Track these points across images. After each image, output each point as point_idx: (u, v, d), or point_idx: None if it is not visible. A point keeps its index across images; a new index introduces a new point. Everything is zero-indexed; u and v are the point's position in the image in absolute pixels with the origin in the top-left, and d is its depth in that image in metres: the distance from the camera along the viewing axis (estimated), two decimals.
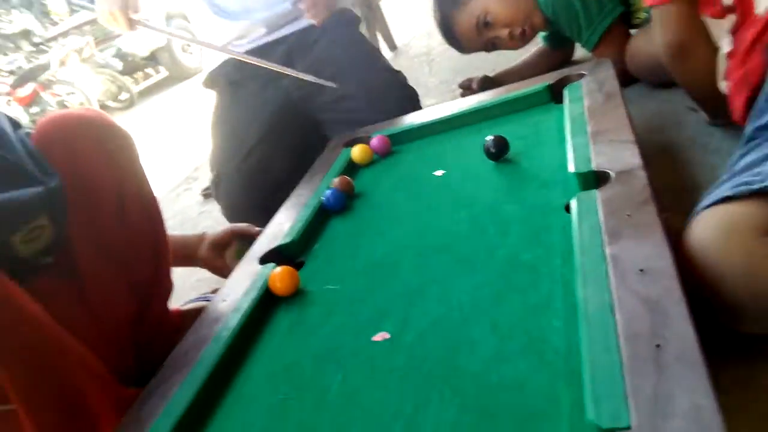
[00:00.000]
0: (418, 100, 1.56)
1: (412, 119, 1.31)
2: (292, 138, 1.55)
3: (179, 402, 0.66)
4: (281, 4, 1.52)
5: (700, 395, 0.43)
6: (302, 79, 1.49)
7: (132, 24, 1.42)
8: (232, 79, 1.59)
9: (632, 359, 0.48)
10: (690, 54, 1.03)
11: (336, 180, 1.10)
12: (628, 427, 0.43)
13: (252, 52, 1.54)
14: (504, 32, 1.59)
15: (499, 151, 0.99)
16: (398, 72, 1.59)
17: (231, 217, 1.52)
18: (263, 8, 1.53)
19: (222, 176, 1.53)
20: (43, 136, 0.88)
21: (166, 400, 0.68)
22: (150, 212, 0.99)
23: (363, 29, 2.33)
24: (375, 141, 1.23)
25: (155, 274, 0.99)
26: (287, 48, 1.53)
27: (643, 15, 1.52)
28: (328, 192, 1.06)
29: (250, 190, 1.48)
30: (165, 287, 1.02)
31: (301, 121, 1.57)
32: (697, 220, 0.70)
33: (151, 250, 0.99)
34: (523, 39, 1.62)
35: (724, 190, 0.69)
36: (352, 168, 1.22)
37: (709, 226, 0.67)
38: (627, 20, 1.54)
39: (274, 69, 1.46)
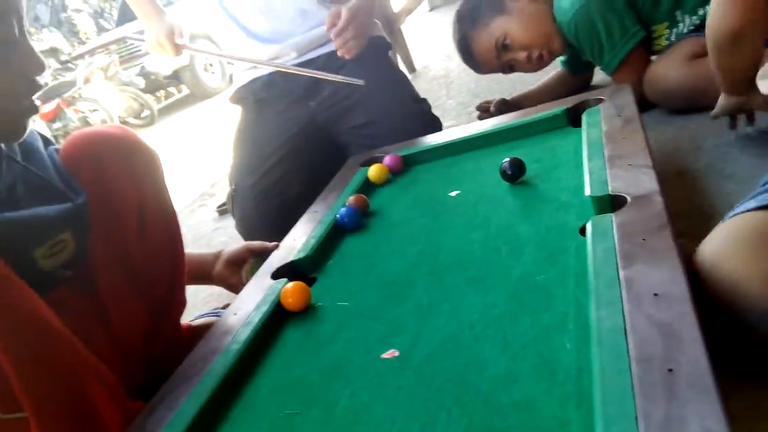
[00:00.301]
0: (441, 129, 1.57)
1: (430, 140, 1.31)
2: (313, 160, 1.57)
3: (186, 413, 0.66)
4: (314, 30, 1.56)
5: (712, 421, 0.42)
6: (328, 102, 1.52)
7: (178, 49, 1.51)
8: (259, 96, 1.61)
9: (644, 383, 0.48)
10: (743, 43, 0.98)
11: (351, 198, 1.11)
12: None
13: (282, 74, 1.56)
14: (522, 55, 1.60)
15: (515, 173, 0.99)
16: (424, 100, 1.60)
17: (245, 233, 1.53)
18: (296, 33, 1.56)
19: (239, 191, 1.54)
20: (71, 152, 0.90)
21: (173, 411, 0.68)
22: (170, 230, 1.00)
23: None
24: (387, 159, 1.25)
25: (171, 291, 1.00)
26: (315, 69, 1.54)
27: (663, 42, 1.52)
28: (343, 210, 1.06)
29: (266, 208, 1.49)
30: (179, 304, 1.03)
31: (323, 144, 1.59)
32: (722, 227, 0.69)
33: (169, 268, 0.99)
34: (540, 63, 1.62)
35: (751, 204, 0.68)
36: (368, 187, 1.22)
37: (734, 232, 0.66)
38: (647, 46, 1.54)
39: (306, 74, 1.49)
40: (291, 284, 0.85)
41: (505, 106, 1.71)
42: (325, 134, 1.58)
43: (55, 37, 7.48)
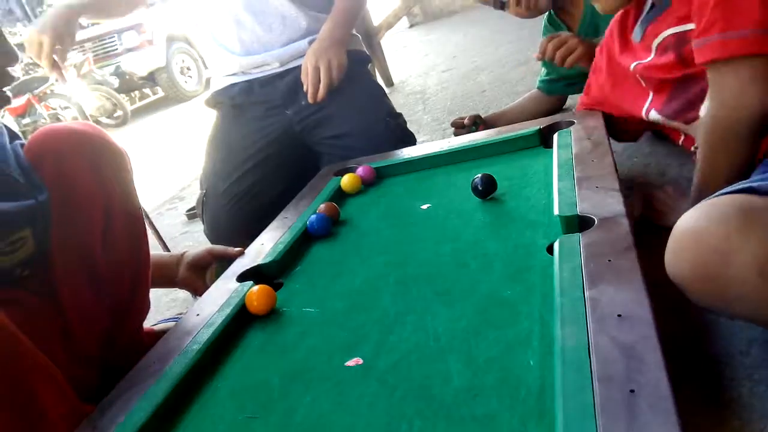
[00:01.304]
0: (414, 144, 1.57)
1: (404, 153, 1.32)
2: (288, 168, 1.56)
3: (139, 413, 0.64)
4: (298, 42, 1.55)
5: None
6: (305, 112, 1.51)
7: (53, 66, 1.37)
8: (237, 102, 1.59)
9: (605, 402, 0.48)
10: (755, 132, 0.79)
11: (323, 206, 1.10)
12: None
13: (260, 81, 1.56)
14: None
15: (486, 189, 0.99)
16: (399, 115, 1.61)
17: (213, 237, 1.51)
18: (279, 46, 1.55)
19: (210, 196, 1.52)
20: (36, 148, 0.87)
21: (125, 412, 0.65)
22: (135, 233, 0.97)
23: None
24: (361, 170, 1.25)
25: (133, 295, 0.97)
26: (294, 78, 1.54)
27: None
28: (313, 217, 1.06)
29: (237, 214, 1.48)
30: (141, 308, 1.00)
31: (299, 152, 1.58)
32: (702, 205, 0.67)
33: (132, 272, 0.96)
34: (528, 8, 1.61)
35: (728, 189, 0.68)
36: (340, 196, 1.22)
37: (718, 208, 0.65)
38: None
39: None
40: (257, 287, 0.84)
41: (479, 120, 1.73)
42: (300, 143, 1.57)
43: (29, 31, 7.33)
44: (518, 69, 2.81)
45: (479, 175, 1.01)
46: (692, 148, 1.03)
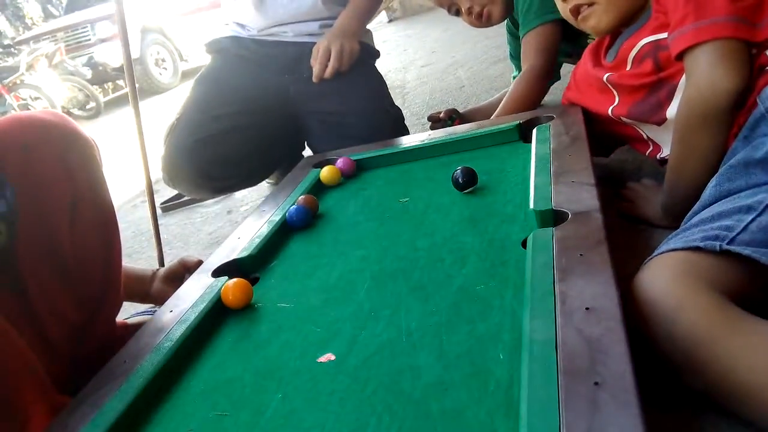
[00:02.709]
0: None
1: (384, 146, 1.31)
2: (268, 128, 1.56)
3: (110, 412, 0.63)
4: (310, 23, 1.59)
5: None
6: (307, 81, 1.53)
7: None
8: (242, 53, 1.60)
9: (570, 395, 0.48)
10: (729, 116, 0.80)
11: (302, 198, 1.10)
12: None
13: (269, 43, 1.59)
14: (465, 4, 1.59)
15: (467, 182, 1.00)
16: (399, 110, 1.62)
17: (168, 168, 1.49)
18: (295, 21, 1.59)
19: (182, 122, 1.49)
20: (0, 138, 0.84)
21: (96, 409, 0.65)
22: (105, 227, 0.95)
23: None
24: (340, 161, 1.24)
25: (105, 287, 0.95)
26: (301, 51, 1.56)
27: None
28: (292, 208, 1.05)
29: (202, 149, 1.45)
30: (114, 301, 0.99)
31: (285, 120, 1.58)
32: (659, 259, 0.70)
33: (103, 264, 0.95)
34: (480, 20, 1.60)
35: (694, 239, 0.69)
36: (319, 189, 1.22)
37: (668, 269, 0.68)
38: (576, 39, 1.57)
39: None
40: (232, 281, 0.84)
41: (456, 114, 1.73)
42: (292, 110, 1.57)
43: None
44: (497, 65, 2.81)
45: (460, 168, 1.01)
46: (657, 157, 1.04)
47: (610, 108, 1.04)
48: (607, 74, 1.02)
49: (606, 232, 0.70)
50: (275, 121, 1.56)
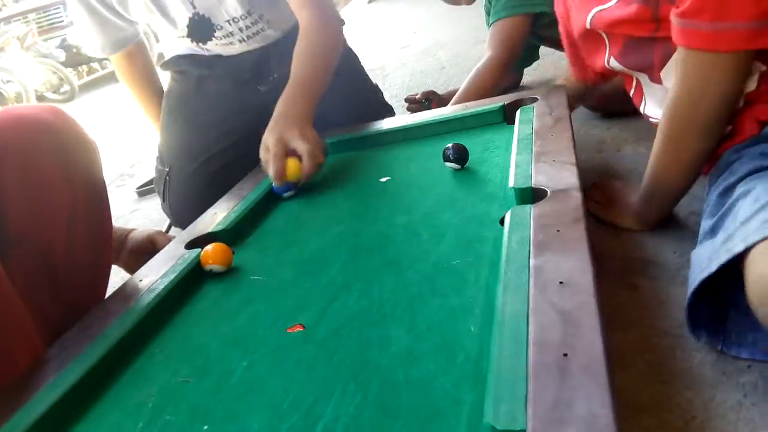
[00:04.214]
0: (394, 116, 1.54)
1: (367, 128, 1.29)
2: (255, 141, 1.48)
3: (70, 375, 0.62)
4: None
5: (598, 404, 0.42)
6: (280, 87, 1.31)
7: None
8: (201, 73, 1.49)
9: (538, 366, 0.47)
10: (722, 121, 0.77)
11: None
12: (523, 431, 0.42)
13: (226, 57, 1.48)
14: None
15: (458, 158, 0.98)
16: (378, 90, 1.58)
17: (175, 217, 1.44)
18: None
19: (175, 175, 1.43)
20: None
21: (57, 373, 0.63)
22: (99, 230, 0.92)
23: None
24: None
25: (92, 291, 0.93)
26: (259, 53, 1.47)
27: None
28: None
29: (205, 195, 1.35)
30: (98, 301, 0.96)
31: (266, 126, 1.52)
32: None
33: (92, 269, 0.92)
34: None
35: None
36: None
37: None
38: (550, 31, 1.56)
39: None
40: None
41: (432, 96, 1.72)
42: (269, 116, 1.51)
43: None
44: (478, 46, 2.78)
45: (451, 145, 0.99)
46: (641, 108, 1.00)
47: (605, 57, 0.97)
48: (593, 11, 0.91)
49: (584, 210, 0.69)
50: (259, 133, 1.50)
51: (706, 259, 0.66)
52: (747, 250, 0.60)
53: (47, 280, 0.84)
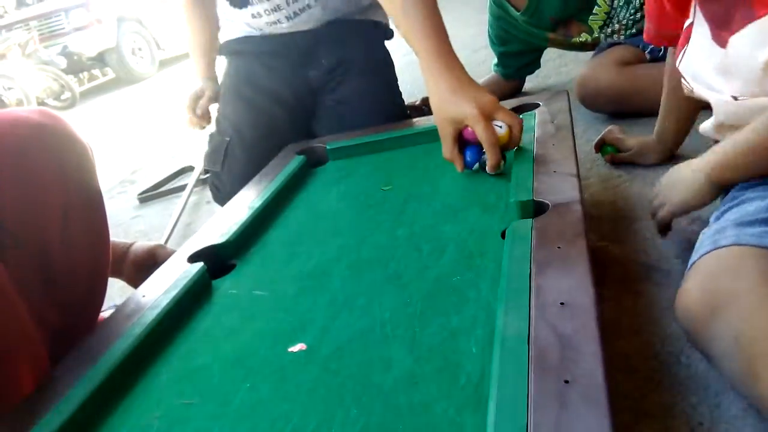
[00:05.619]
0: None
1: (370, 133, 1.29)
2: (298, 122, 1.56)
3: (74, 398, 0.62)
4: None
5: None
6: (327, 77, 1.52)
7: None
8: (259, 51, 1.57)
9: (539, 392, 0.47)
10: None
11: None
12: None
13: (279, 36, 1.55)
14: None
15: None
16: (403, 103, 1.63)
17: (230, 183, 1.48)
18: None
19: (235, 143, 1.50)
20: None
21: (61, 396, 0.63)
22: (95, 231, 0.92)
23: None
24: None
25: (90, 293, 0.93)
26: (307, 38, 1.53)
27: (585, 37, 1.57)
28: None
29: (257, 161, 1.42)
30: (97, 305, 0.96)
31: (306, 111, 1.58)
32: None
33: (90, 270, 0.92)
34: None
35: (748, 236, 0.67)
36: (303, 175, 1.20)
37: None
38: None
39: None
40: None
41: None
42: (311, 99, 1.58)
43: None
44: (480, 52, 2.78)
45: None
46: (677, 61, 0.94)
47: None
48: None
49: (585, 225, 0.69)
50: (300, 113, 1.57)
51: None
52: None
53: (43, 280, 0.84)
